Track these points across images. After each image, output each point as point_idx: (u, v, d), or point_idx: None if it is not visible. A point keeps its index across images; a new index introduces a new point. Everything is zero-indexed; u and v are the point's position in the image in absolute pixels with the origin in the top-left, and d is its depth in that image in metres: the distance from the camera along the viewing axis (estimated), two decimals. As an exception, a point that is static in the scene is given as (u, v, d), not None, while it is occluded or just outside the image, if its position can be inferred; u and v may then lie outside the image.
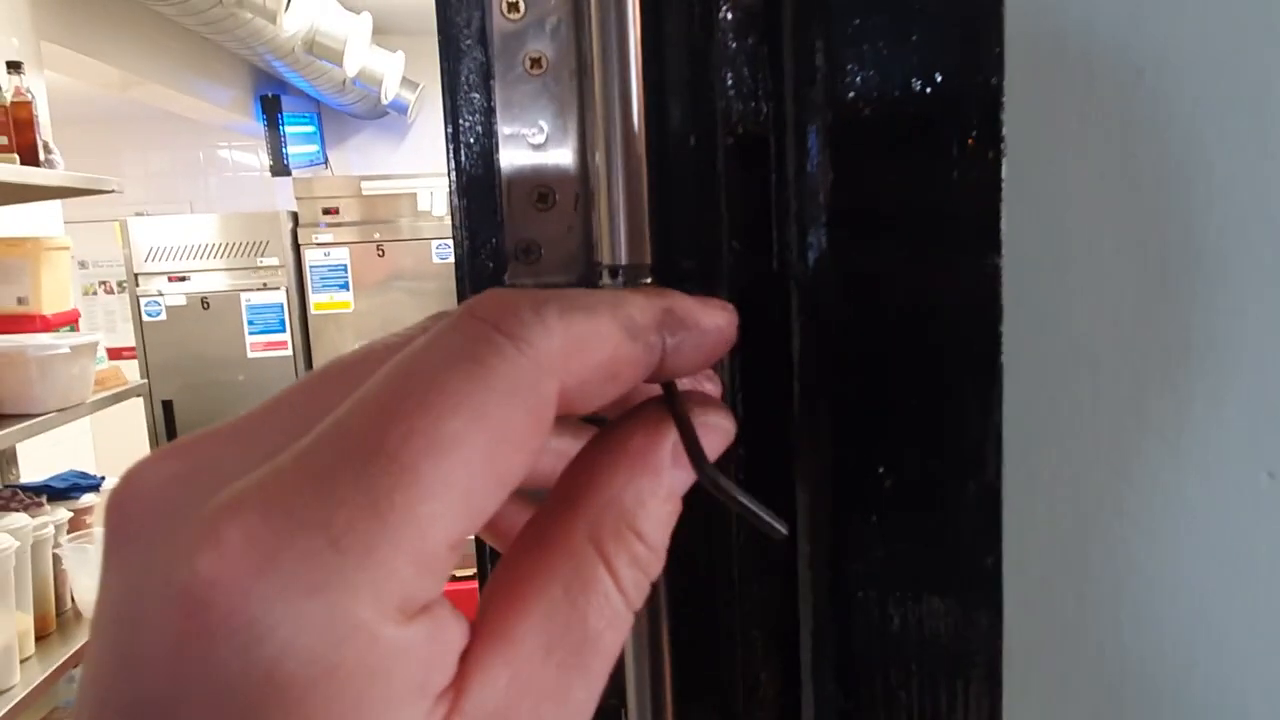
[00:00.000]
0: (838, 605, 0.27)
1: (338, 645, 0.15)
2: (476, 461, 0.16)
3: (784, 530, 0.19)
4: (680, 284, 0.33)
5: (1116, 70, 0.26)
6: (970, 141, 0.25)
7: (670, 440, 0.19)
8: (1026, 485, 0.29)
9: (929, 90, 0.24)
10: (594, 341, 0.17)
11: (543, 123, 0.36)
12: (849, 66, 0.25)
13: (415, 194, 3.61)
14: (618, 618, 0.17)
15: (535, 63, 0.36)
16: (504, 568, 0.18)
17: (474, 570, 0.40)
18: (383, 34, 4.27)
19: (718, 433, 0.20)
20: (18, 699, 1.61)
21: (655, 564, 0.18)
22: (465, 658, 0.16)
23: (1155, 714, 0.30)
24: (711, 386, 0.23)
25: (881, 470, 0.26)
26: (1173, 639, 0.30)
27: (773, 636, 0.29)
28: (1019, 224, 0.28)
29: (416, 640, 0.15)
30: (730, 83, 0.27)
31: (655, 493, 0.18)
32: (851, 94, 0.25)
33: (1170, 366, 0.28)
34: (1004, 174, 0.24)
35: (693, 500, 0.31)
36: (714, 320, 0.20)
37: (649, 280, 0.32)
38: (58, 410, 1.88)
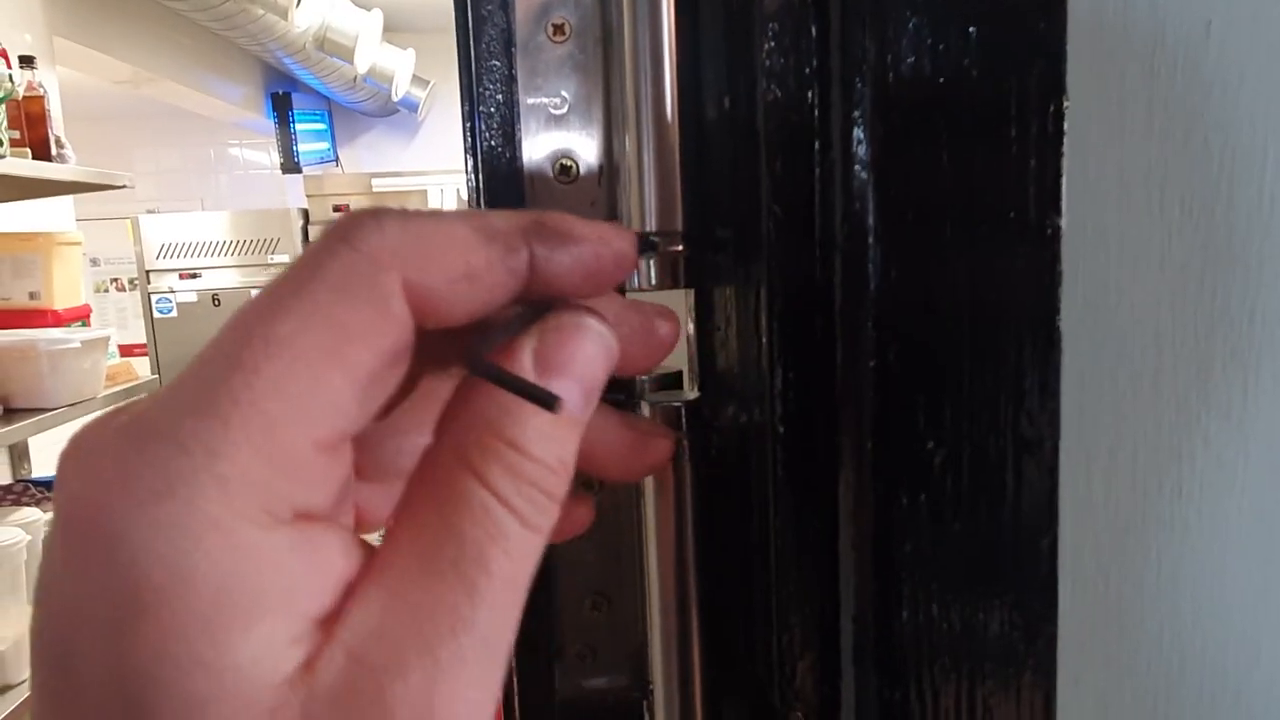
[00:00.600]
0: (881, 589, 0.25)
1: (192, 547, 0.14)
2: (317, 358, 0.16)
3: (556, 399, 0.17)
4: (716, 252, 0.31)
5: (1184, 24, 0.25)
6: (1028, 97, 0.23)
7: (528, 348, 0.18)
8: (1083, 464, 0.27)
9: (984, 43, 0.23)
10: (439, 239, 0.17)
11: (565, 92, 0.35)
12: (902, 13, 0.23)
13: (425, 191, 3.61)
14: (503, 532, 0.17)
15: (559, 30, 0.35)
16: (396, 506, 0.18)
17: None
18: (393, 31, 4.26)
19: (577, 333, 0.19)
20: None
21: (549, 477, 0.18)
22: (349, 590, 0.16)
23: (1215, 707, 0.28)
24: (664, 325, 0.23)
25: (930, 446, 0.24)
26: (1235, 628, 0.28)
27: (811, 624, 0.27)
28: (1078, 188, 0.27)
29: (279, 548, 0.15)
30: (772, 39, 0.25)
31: (521, 402, 0.17)
32: (901, 50, 0.23)
33: (1235, 340, 0.27)
34: (1065, 130, 0.23)
35: (728, 483, 0.29)
36: (594, 233, 0.19)
37: (680, 248, 0.31)
38: (69, 405, 1.87)
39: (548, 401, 0.17)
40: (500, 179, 0.36)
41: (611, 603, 0.39)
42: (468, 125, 0.37)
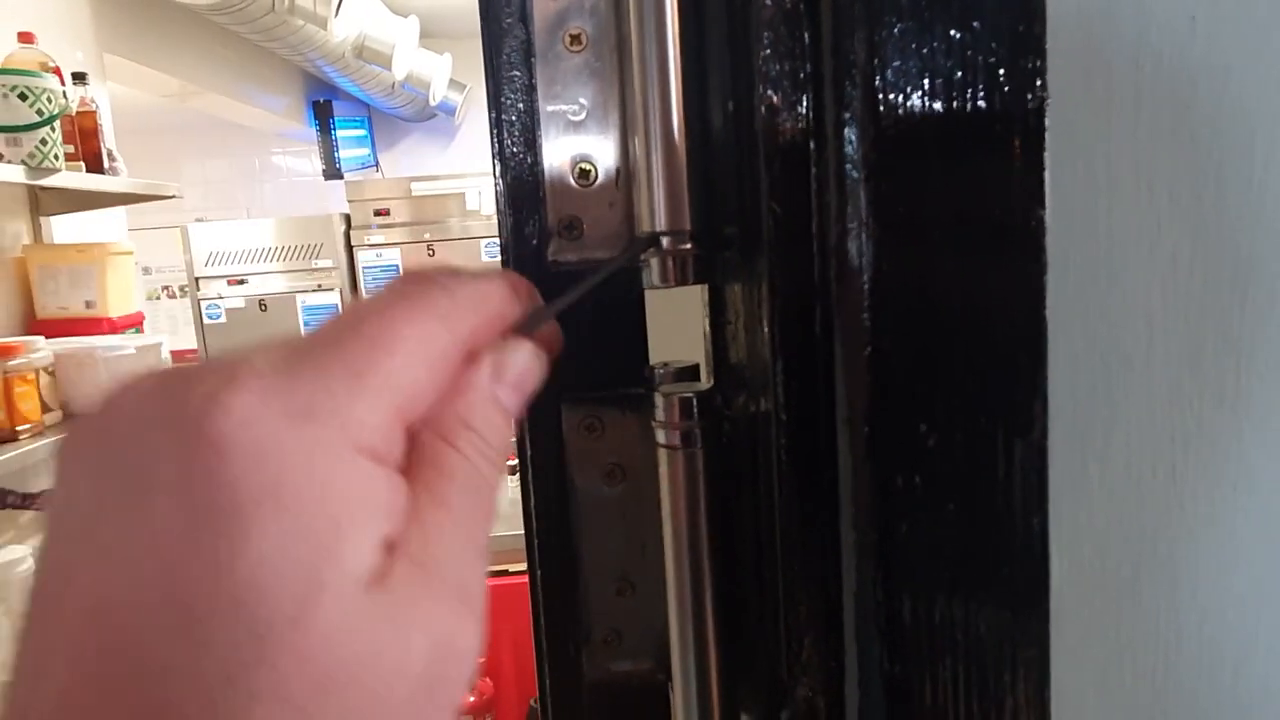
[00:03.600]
0: (880, 568, 0.27)
1: (323, 464, 0.19)
2: (417, 353, 0.22)
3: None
4: (723, 249, 0.33)
5: (1168, 18, 0.26)
6: (1012, 97, 0.24)
7: (488, 362, 0.24)
8: (1077, 447, 0.28)
9: (967, 45, 0.24)
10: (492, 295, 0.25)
11: (583, 99, 0.37)
12: (887, 23, 0.24)
13: (464, 194, 3.65)
14: (474, 470, 0.23)
15: (575, 39, 0.36)
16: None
17: (524, 565, 0.41)
18: (430, 37, 4.32)
19: (519, 356, 0.25)
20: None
21: (494, 449, 0.24)
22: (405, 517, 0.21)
23: (1214, 684, 0.29)
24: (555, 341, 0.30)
25: (924, 429, 0.26)
26: (1233, 605, 0.29)
27: (816, 601, 0.29)
28: (1067, 179, 0.28)
29: (378, 478, 0.20)
30: (768, 46, 0.27)
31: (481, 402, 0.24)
32: (890, 53, 0.25)
33: (1226, 325, 0.28)
34: (1047, 123, 0.24)
35: (739, 469, 0.31)
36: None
37: (689, 247, 0.32)
38: (124, 409, 1.93)
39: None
40: (523, 183, 0.37)
41: (636, 588, 0.41)
42: (494, 132, 0.38)
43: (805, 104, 0.27)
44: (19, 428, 1.69)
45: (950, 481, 0.26)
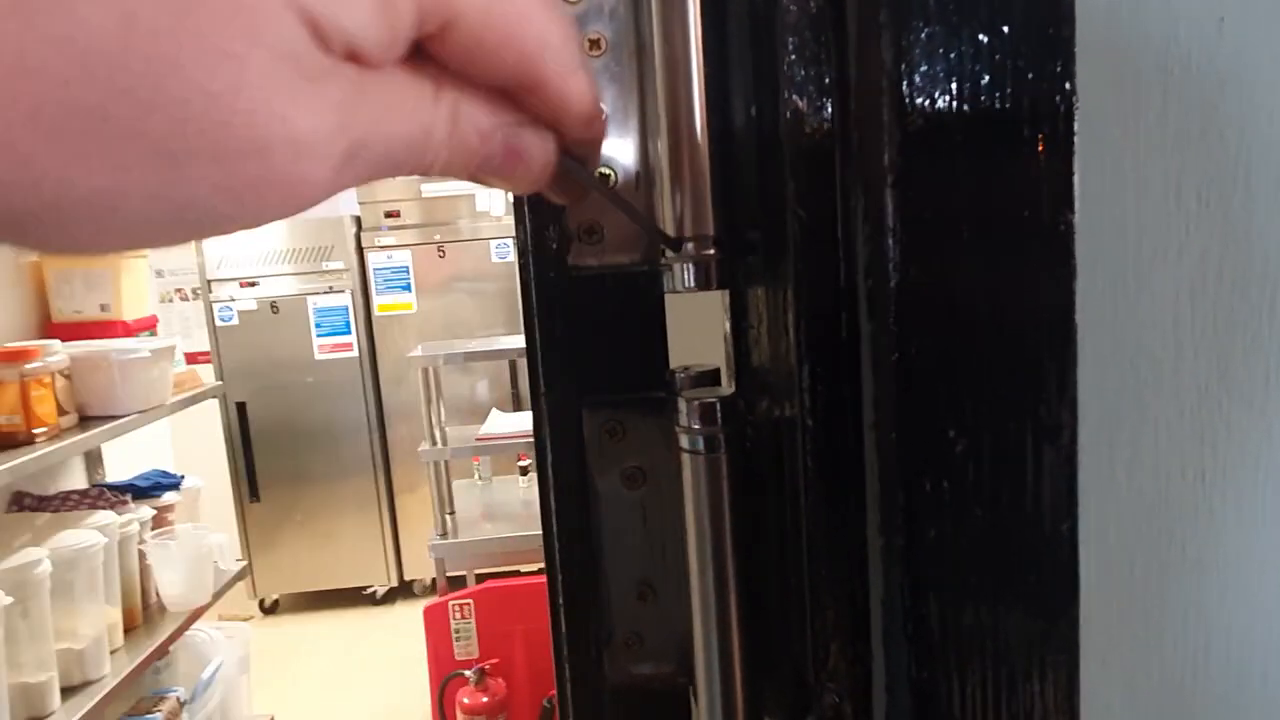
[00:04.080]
0: (907, 574, 0.27)
1: None
2: None
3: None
4: (747, 255, 0.33)
5: (1196, 21, 0.25)
6: (1041, 100, 0.24)
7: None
8: (1105, 451, 0.28)
9: (995, 50, 0.24)
10: None
11: (603, 103, 0.37)
12: (914, 26, 0.24)
13: (474, 195, 3.66)
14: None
15: (594, 44, 0.36)
16: None
17: (537, 566, 0.41)
18: (440, 39, 4.32)
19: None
20: (109, 688, 1.67)
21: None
22: None
23: (1241, 685, 0.29)
24: None
25: (952, 435, 0.25)
26: (1262, 608, 0.29)
27: (843, 606, 0.28)
28: (1096, 182, 0.28)
29: None
30: (793, 50, 0.26)
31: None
32: (918, 56, 0.24)
33: (1255, 328, 0.27)
34: (1076, 129, 0.24)
35: (763, 474, 0.31)
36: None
37: (712, 252, 0.32)
38: (140, 412, 1.95)
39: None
40: (542, 188, 0.38)
41: (657, 593, 0.41)
42: (511, 136, 0.38)
43: (830, 108, 0.27)
44: (35, 430, 1.71)
45: (978, 487, 0.26)
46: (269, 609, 3.76)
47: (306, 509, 3.67)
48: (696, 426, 0.32)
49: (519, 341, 2.57)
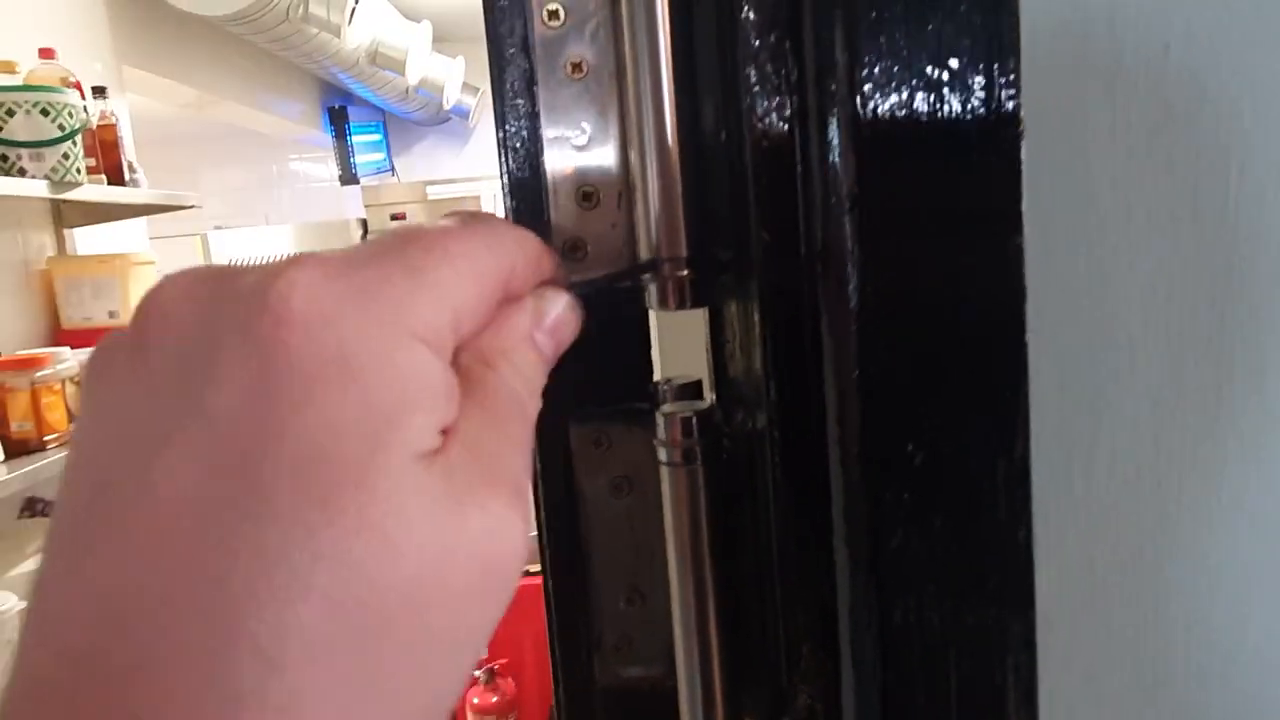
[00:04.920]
0: (873, 579, 0.28)
1: (385, 342, 0.19)
2: (468, 271, 0.22)
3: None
4: (718, 273, 0.34)
5: (1143, 46, 0.26)
6: (989, 122, 0.25)
7: (528, 308, 0.25)
8: (1062, 461, 0.29)
9: (946, 76, 0.25)
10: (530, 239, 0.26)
11: (585, 124, 0.38)
12: (867, 58, 0.25)
13: (479, 196, 3.68)
14: (520, 390, 0.24)
15: (576, 67, 0.38)
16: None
17: (538, 567, 0.42)
18: (443, 41, 4.35)
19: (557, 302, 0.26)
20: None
21: (535, 378, 0.25)
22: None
23: (1202, 687, 0.30)
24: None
25: (911, 448, 0.27)
26: (1219, 611, 0.30)
27: (813, 612, 0.30)
28: (1049, 200, 0.29)
29: (436, 366, 0.20)
30: (754, 79, 0.28)
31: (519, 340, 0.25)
32: (870, 84, 0.26)
33: (1208, 336, 0.28)
34: (1024, 154, 0.25)
35: (739, 485, 0.32)
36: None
37: (685, 273, 0.33)
38: (149, 417, 1.96)
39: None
40: (529, 207, 0.39)
41: (645, 598, 0.42)
42: (500, 155, 0.40)
43: (792, 133, 0.28)
44: (47, 437, 1.73)
45: (938, 498, 0.27)
46: (281, 610, 3.78)
47: (316, 511, 3.68)
48: (674, 439, 0.34)
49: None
